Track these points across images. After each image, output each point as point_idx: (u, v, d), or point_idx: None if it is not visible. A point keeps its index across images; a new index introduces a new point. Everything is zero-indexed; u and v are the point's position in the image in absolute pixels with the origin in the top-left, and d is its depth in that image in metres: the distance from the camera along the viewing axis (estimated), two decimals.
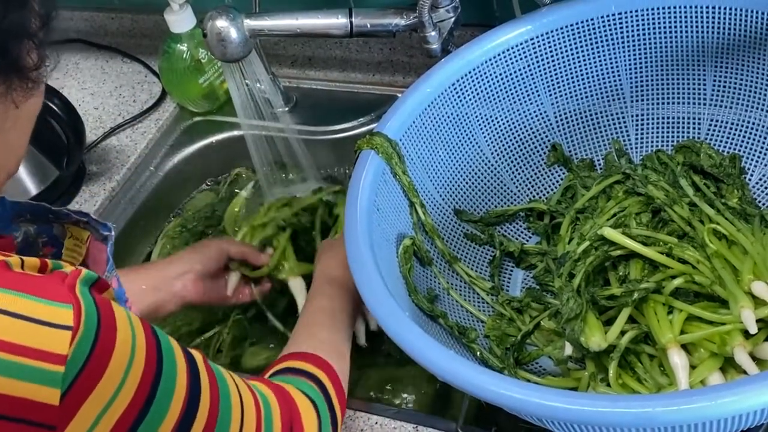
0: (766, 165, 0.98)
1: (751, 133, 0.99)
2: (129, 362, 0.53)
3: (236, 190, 1.29)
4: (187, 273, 1.01)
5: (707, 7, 0.94)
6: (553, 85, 1.02)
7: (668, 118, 1.03)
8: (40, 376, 0.49)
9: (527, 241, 1.03)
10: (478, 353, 0.88)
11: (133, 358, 0.53)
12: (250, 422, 0.65)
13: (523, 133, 1.04)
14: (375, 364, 1.03)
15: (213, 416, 0.60)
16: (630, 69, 1.01)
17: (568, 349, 0.85)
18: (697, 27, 0.96)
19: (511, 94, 1.01)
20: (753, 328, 0.76)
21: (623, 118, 1.04)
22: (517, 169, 1.04)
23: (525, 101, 1.02)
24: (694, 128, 1.02)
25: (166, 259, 1.05)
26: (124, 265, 1.22)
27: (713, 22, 0.95)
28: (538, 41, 0.99)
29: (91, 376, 0.51)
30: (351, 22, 1.05)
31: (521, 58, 0.99)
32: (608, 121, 1.05)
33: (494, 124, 1.02)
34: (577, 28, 0.98)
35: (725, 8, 0.93)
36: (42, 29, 0.57)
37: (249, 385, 0.69)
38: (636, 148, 1.05)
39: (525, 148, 1.04)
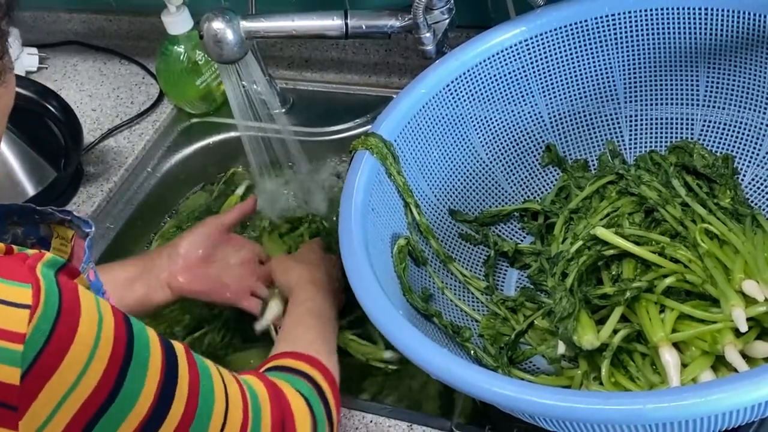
0: (758, 165, 0.98)
1: (743, 134, 0.99)
2: (94, 347, 0.52)
3: (231, 189, 1.29)
4: (174, 261, 0.97)
5: (699, 9, 0.95)
6: (547, 86, 1.03)
7: (662, 118, 1.04)
8: None
9: (521, 241, 1.04)
10: (472, 352, 0.88)
11: (98, 343, 0.53)
12: (234, 418, 0.63)
13: (517, 133, 1.04)
14: (369, 362, 1.04)
15: (191, 409, 0.59)
16: (623, 70, 1.02)
17: (561, 348, 0.85)
18: (689, 28, 0.97)
19: (506, 95, 1.02)
20: (743, 327, 0.77)
21: (617, 118, 1.05)
22: (511, 170, 1.05)
23: (519, 102, 1.03)
24: (687, 129, 1.02)
25: (154, 250, 1.02)
26: None
27: (706, 24, 0.95)
28: (533, 42, 1.00)
29: (52, 357, 0.50)
30: (346, 24, 1.06)
31: (515, 60, 1.00)
32: (602, 121, 1.05)
33: (489, 125, 1.03)
34: (571, 29, 0.99)
35: (717, 10, 0.94)
36: (3, 18, 0.57)
37: (238, 379, 0.68)
38: (630, 148, 1.05)
39: (519, 148, 1.05)
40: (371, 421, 0.91)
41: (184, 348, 0.62)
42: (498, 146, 1.04)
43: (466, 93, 1.00)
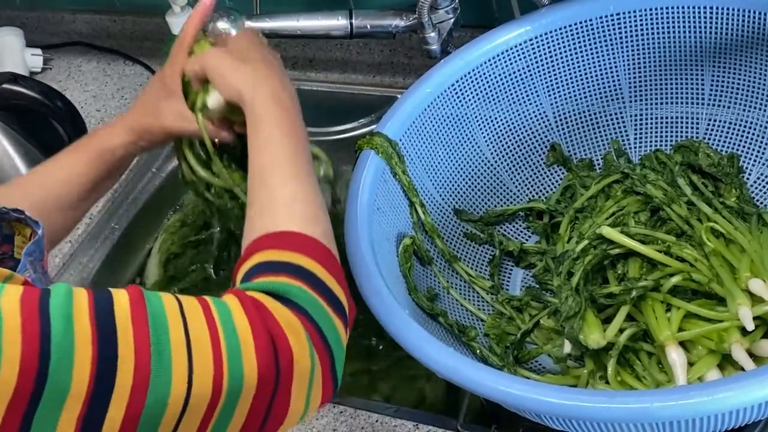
0: (763, 164, 0.98)
1: (749, 133, 0.99)
2: None
3: None
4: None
5: (705, 8, 0.95)
6: (552, 85, 1.03)
7: (667, 117, 1.03)
8: None
9: (527, 240, 1.04)
10: (478, 351, 0.88)
11: (1, 342, 0.49)
12: (203, 365, 0.55)
13: (522, 133, 1.04)
14: (375, 362, 1.04)
15: (143, 371, 0.52)
16: (628, 69, 1.02)
17: (567, 347, 0.85)
18: (694, 27, 0.97)
19: (511, 94, 1.02)
20: (750, 325, 0.76)
21: (622, 118, 1.05)
22: (516, 169, 1.05)
23: (524, 101, 1.03)
24: (692, 128, 1.02)
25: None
26: (126, 268, 1.23)
27: (711, 23, 0.95)
28: (537, 42, 1.00)
29: None
30: (351, 24, 1.06)
31: (520, 59, 1.00)
32: (607, 121, 1.05)
33: (494, 125, 1.03)
34: (576, 28, 0.99)
35: (723, 8, 0.94)
36: None
37: (212, 315, 0.57)
38: (635, 147, 1.05)
39: (524, 148, 1.05)
40: (377, 421, 0.91)
41: (131, 299, 0.55)
42: (503, 146, 1.04)
43: (471, 92, 1.00)
